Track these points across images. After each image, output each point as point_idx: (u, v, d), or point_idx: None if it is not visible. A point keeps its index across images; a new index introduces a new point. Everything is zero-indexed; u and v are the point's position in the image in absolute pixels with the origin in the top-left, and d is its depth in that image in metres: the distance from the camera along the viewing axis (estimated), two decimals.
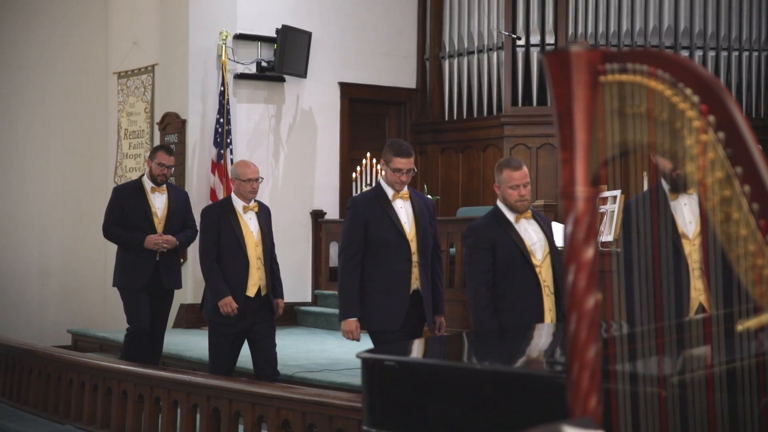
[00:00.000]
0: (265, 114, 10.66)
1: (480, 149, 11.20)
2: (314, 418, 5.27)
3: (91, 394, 6.72)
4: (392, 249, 5.56)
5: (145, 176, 7.36)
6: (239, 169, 6.46)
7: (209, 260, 6.36)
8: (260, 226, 6.45)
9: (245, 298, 6.31)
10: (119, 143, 11.34)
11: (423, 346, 4.47)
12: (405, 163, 5.54)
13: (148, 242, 7.14)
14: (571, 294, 2.32)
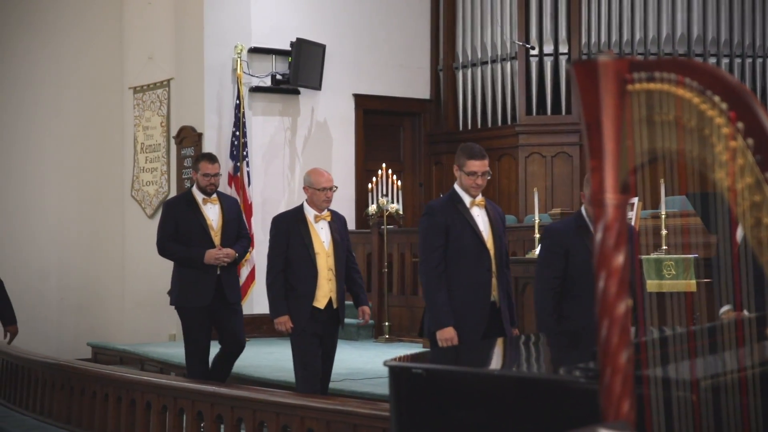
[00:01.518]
0: (281, 126, 10.72)
1: (495, 158, 11.22)
2: (338, 427, 5.30)
3: (114, 405, 6.76)
4: (472, 257, 5.32)
5: (194, 188, 7.01)
6: (313, 178, 6.19)
7: (274, 272, 6.10)
8: (332, 236, 6.17)
9: (312, 309, 6.06)
10: (135, 157, 11.42)
11: (452, 352, 4.50)
12: (479, 166, 5.30)
13: (209, 257, 6.76)
14: (602, 300, 2.35)
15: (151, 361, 8.72)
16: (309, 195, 6.16)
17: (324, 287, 6.08)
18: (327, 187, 6.12)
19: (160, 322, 10.83)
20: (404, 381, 3.68)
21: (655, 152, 2.40)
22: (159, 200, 11.06)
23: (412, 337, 9.44)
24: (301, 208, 6.21)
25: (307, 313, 6.02)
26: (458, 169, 5.36)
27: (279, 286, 6.06)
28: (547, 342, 4.61)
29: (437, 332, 5.25)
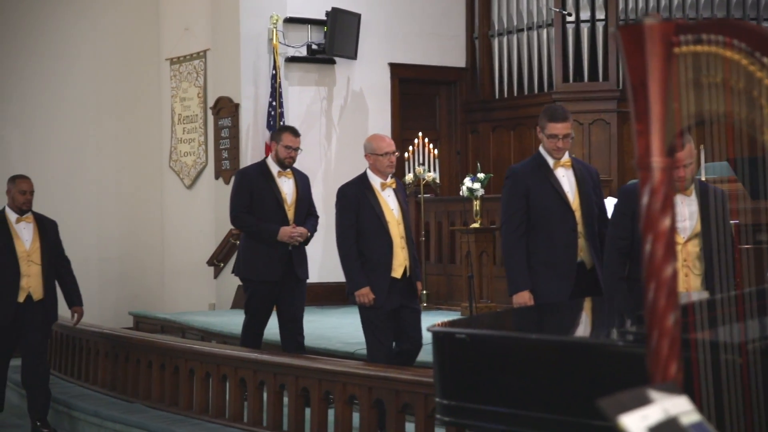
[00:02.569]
0: (317, 96, 10.74)
1: (532, 126, 11.16)
2: (380, 392, 5.36)
3: (158, 373, 6.87)
4: (556, 219, 5.24)
5: (269, 159, 6.84)
6: (374, 143, 5.97)
7: (347, 245, 5.87)
8: (399, 203, 5.98)
9: (391, 280, 5.84)
10: (173, 129, 11.50)
11: (494, 318, 4.54)
12: (561, 128, 5.21)
13: (283, 235, 6.59)
14: (649, 263, 2.36)
15: (191, 329, 8.83)
16: (372, 162, 5.93)
17: (399, 256, 5.89)
18: (389, 152, 5.92)
19: (200, 292, 10.95)
20: (447, 346, 3.72)
21: (701, 115, 2.40)
22: (197, 171, 11.14)
23: (450, 305, 9.48)
24: (365, 176, 5.98)
25: (385, 285, 5.82)
26: (540, 131, 5.33)
27: (355, 258, 5.84)
28: (609, 304, 4.63)
29: (513, 296, 5.25)
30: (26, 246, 6.89)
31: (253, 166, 7.03)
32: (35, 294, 6.85)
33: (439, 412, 3.76)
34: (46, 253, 6.93)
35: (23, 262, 6.83)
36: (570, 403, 3.38)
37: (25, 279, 6.82)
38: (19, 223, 6.93)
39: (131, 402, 7.00)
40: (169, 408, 6.68)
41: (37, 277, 6.87)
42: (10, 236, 6.85)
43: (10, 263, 6.78)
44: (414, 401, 5.17)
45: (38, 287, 6.86)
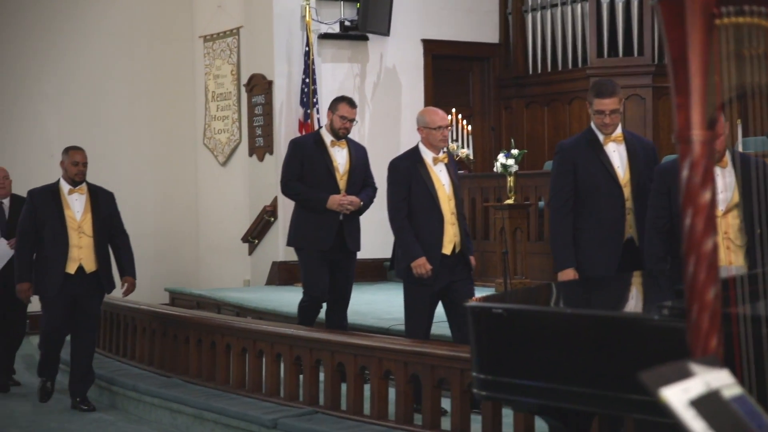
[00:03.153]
0: (350, 73, 10.74)
1: (566, 102, 11.14)
2: (416, 368, 5.38)
3: (195, 348, 6.94)
4: (604, 195, 5.19)
5: (323, 129, 6.81)
6: (427, 117, 5.88)
7: (400, 217, 5.82)
8: (451, 178, 5.89)
9: (441, 256, 5.79)
10: (207, 106, 11.55)
11: (529, 293, 4.54)
12: (607, 104, 5.15)
13: (332, 203, 6.54)
14: (689, 237, 2.35)
15: (227, 305, 8.90)
16: (424, 136, 5.86)
17: (449, 232, 5.82)
18: (443, 126, 5.82)
19: (235, 268, 11.03)
20: (484, 321, 3.73)
21: (743, 87, 2.38)
22: (231, 148, 11.19)
23: (484, 281, 9.48)
24: (417, 150, 5.92)
25: (436, 262, 5.75)
26: (589, 107, 5.30)
27: (409, 230, 5.78)
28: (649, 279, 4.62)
29: (558, 273, 5.22)
30: (77, 217, 6.84)
31: (307, 136, 6.98)
32: (87, 266, 6.80)
33: (476, 386, 3.78)
34: (97, 224, 6.87)
35: (73, 233, 6.78)
36: (606, 377, 3.38)
37: (75, 250, 6.77)
38: (72, 195, 6.89)
39: (169, 377, 7.07)
40: (206, 383, 6.74)
41: (88, 249, 6.81)
42: (62, 207, 6.82)
43: (60, 234, 6.75)
44: (450, 376, 5.19)
45: (90, 259, 6.81)
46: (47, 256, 6.78)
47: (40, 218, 6.82)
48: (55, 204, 6.82)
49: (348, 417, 5.68)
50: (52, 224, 6.78)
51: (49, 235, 6.77)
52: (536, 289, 4.81)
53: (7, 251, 7.55)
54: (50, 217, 6.79)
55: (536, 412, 3.96)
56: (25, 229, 6.87)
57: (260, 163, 10.61)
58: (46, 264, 6.78)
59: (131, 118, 11.47)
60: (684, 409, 1.87)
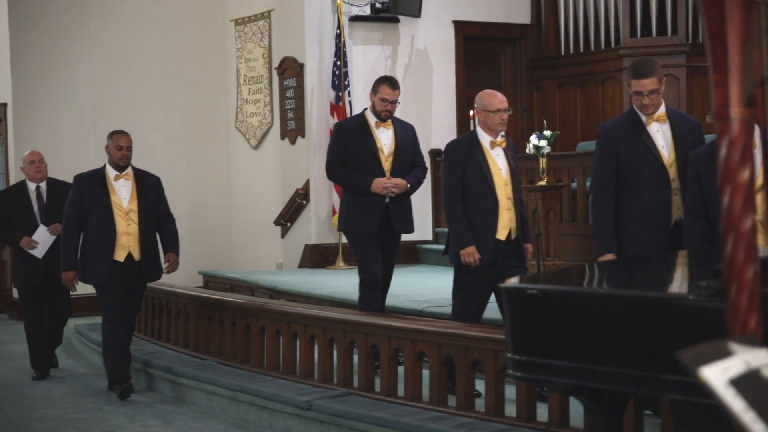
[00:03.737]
0: (381, 55, 10.72)
1: (598, 82, 11.05)
2: (450, 349, 5.39)
3: (230, 330, 6.99)
4: (647, 177, 5.13)
5: (368, 111, 6.64)
6: (486, 100, 5.76)
7: (454, 202, 5.73)
8: (508, 163, 5.78)
9: (495, 242, 5.70)
10: (239, 89, 11.58)
11: (563, 274, 4.53)
12: (646, 84, 5.08)
13: (376, 186, 6.42)
14: (727, 216, 2.33)
15: (260, 288, 8.94)
16: (482, 119, 5.75)
17: (504, 217, 5.72)
18: (501, 109, 5.70)
19: (268, 251, 11.08)
20: (519, 302, 3.72)
21: None
22: (263, 131, 11.22)
23: None
24: (475, 134, 5.83)
25: (489, 247, 5.68)
26: (629, 87, 5.24)
27: (461, 216, 5.70)
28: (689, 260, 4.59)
29: (598, 259, 5.15)
30: (124, 204, 6.77)
31: (352, 118, 6.86)
32: (135, 253, 6.76)
33: (511, 367, 3.77)
34: (143, 210, 6.80)
35: (121, 220, 6.72)
36: (641, 357, 3.37)
37: (124, 237, 6.72)
38: (118, 180, 6.80)
39: (204, 359, 7.13)
40: (241, 365, 6.79)
41: (137, 236, 6.76)
42: (108, 193, 6.74)
43: (107, 221, 6.68)
44: (484, 357, 5.19)
45: (137, 247, 6.76)
46: (95, 244, 6.72)
47: (87, 205, 6.74)
48: (102, 190, 6.75)
49: (382, 398, 5.70)
50: (99, 211, 6.71)
51: (97, 222, 6.71)
52: (570, 269, 4.78)
53: (48, 237, 7.55)
54: (97, 203, 6.72)
55: (571, 392, 3.96)
56: (71, 216, 6.79)
57: (292, 146, 10.63)
58: (95, 251, 6.72)
59: (164, 103, 11.53)
60: (724, 388, 1.86)
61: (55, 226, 7.44)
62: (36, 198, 7.71)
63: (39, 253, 7.54)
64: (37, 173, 7.75)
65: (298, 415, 5.81)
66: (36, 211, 7.66)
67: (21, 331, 9.67)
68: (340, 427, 5.55)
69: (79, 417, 6.41)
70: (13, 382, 7.62)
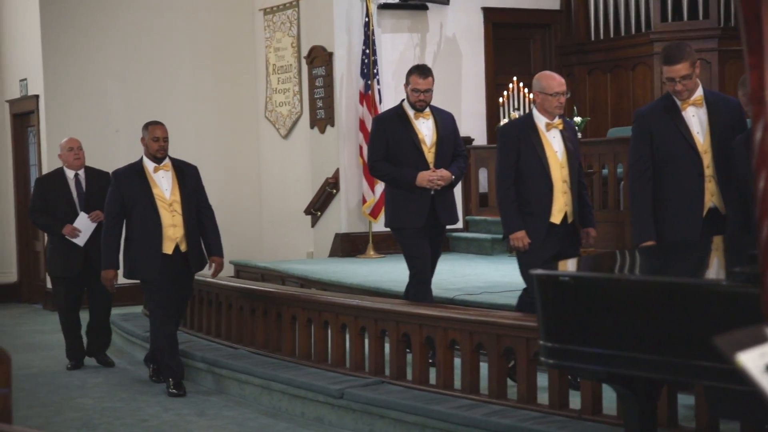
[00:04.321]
0: (410, 43, 10.69)
1: (629, 68, 10.97)
2: (481, 337, 5.38)
3: (261, 320, 7.01)
4: (680, 163, 5.04)
5: (405, 102, 6.42)
6: (544, 82, 5.60)
7: (505, 186, 5.61)
8: (565, 145, 5.63)
9: (549, 225, 5.57)
10: (268, 79, 11.60)
11: (595, 261, 4.50)
12: (677, 71, 4.98)
13: (421, 180, 6.23)
14: (762, 200, 2.31)
15: (291, 277, 8.97)
16: (540, 101, 5.60)
17: (559, 200, 5.58)
18: (559, 92, 5.55)
19: (298, 240, 11.10)
20: (551, 288, 3.71)
21: None
22: (292, 121, 11.23)
23: None
24: (531, 116, 5.69)
25: (543, 230, 5.56)
26: (662, 73, 5.18)
27: (512, 200, 5.60)
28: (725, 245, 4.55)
29: (638, 245, 5.10)
30: (167, 195, 6.67)
31: (390, 111, 6.61)
32: (182, 245, 6.67)
33: (543, 354, 3.77)
34: (186, 201, 6.70)
35: (165, 213, 6.62)
36: (674, 344, 3.35)
37: (170, 229, 6.62)
38: (158, 172, 6.70)
39: (236, 348, 7.16)
40: (273, 354, 6.82)
41: (182, 227, 6.66)
42: (149, 186, 6.65)
43: (152, 215, 6.59)
44: (516, 345, 5.18)
45: (184, 238, 6.67)
46: (141, 239, 6.62)
47: (129, 200, 6.64)
48: (142, 184, 6.65)
49: (414, 387, 5.70)
50: (142, 205, 6.61)
51: (141, 216, 6.61)
52: (602, 256, 4.76)
53: (89, 225, 7.48)
54: (139, 198, 6.61)
55: (604, 379, 3.94)
56: (112, 213, 6.70)
57: (322, 135, 10.64)
58: (141, 247, 6.62)
59: (194, 93, 11.57)
60: (761, 374, 1.84)
61: (96, 213, 7.37)
62: (75, 185, 7.64)
63: (81, 241, 7.46)
64: (76, 160, 7.69)
65: (330, 403, 5.83)
66: (75, 199, 7.59)
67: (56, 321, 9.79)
68: (372, 415, 5.57)
69: (114, 406, 6.47)
70: (48, 371, 7.70)
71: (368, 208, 9.94)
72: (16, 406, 6.32)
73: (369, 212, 9.95)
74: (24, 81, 11.53)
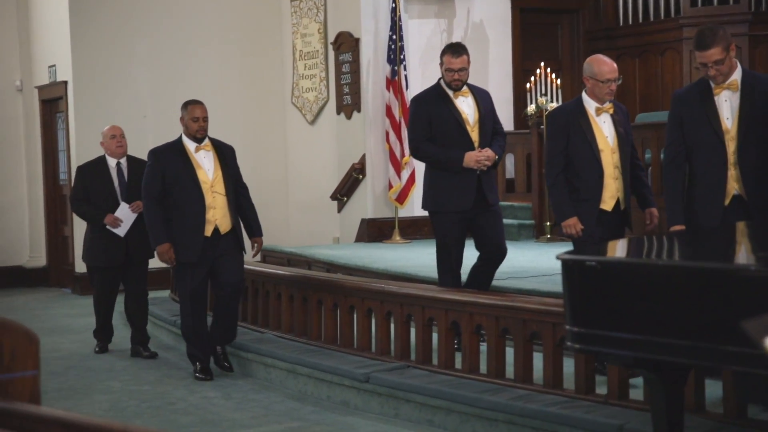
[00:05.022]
0: (437, 29, 10.66)
1: (658, 53, 10.89)
2: (507, 322, 5.37)
3: (288, 304, 7.04)
4: (704, 150, 4.99)
5: (441, 81, 6.27)
6: (595, 67, 5.45)
7: (554, 173, 5.48)
8: (616, 130, 5.48)
9: (599, 212, 5.42)
10: (294, 65, 11.60)
11: (621, 246, 4.48)
12: (708, 56, 4.87)
13: (469, 161, 6.04)
14: None
15: (318, 262, 8.99)
16: (590, 86, 5.46)
17: (611, 187, 5.44)
18: (611, 79, 5.42)
19: (324, 226, 11.12)
20: (577, 273, 3.70)
21: None
22: (318, 106, 11.23)
23: None
24: (581, 100, 5.54)
25: (593, 217, 5.41)
26: None
27: (561, 186, 5.46)
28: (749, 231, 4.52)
29: (670, 229, 5.06)
30: (209, 176, 6.47)
31: (428, 90, 6.35)
32: (222, 227, 6.47)
33: (569, 339, 3.76)
34: (228, 181, 6.53)
35: (208, 194, 6.42)
36: (702, 328, 3.34)
37: (211, 211, 6.43)
38: (199, 152, 6.51)
39: (262, 332, 7.19)
40: (299, 338, 6.84)
41: (223, 209, 6.47)
42: (192, 167, 6.44)
43: (194, 195, 6.39)
44: (541, 330, 5.17)
45: (225, 219, 6.48)
46: (182, 220, 6.40)
47: (169, 180, 6.42)
48: (184, 163, 6.44)
49: (439, 371, 5.71)
50: (183, 185, 6.40)
51: (182, 197, 6.40)
52: (629, 241, 4.73)
53: (130, 215, 7.30)
54: (181, 178, 6.41)
55: (631, 364, 3.93)
56: (151, 192, 6.47)
57: (348, 121, 10.65)
58: (182, 228, 6.40)
59: (221, 79, 11.60)
60: None
61: (137, 204, 7.18)
62: (117, 174, 7.46)
63: (121, 232, 7.31)
64: (118, 148, 7.49)
65: (356, 387, 5.84)
66: (117, 188, 7.42)
67: (85, 305, 9.88)
68: (398, 399, 5.58)
69: (141, 389, 6.52)
70: (77, 354, 7.77)
71: (394, 194, 9.94)
72: (45, 388, 6.39)
73: (395, 197, 9.96)
74: (53, 67, 11.60)
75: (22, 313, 9.95)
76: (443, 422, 5.32)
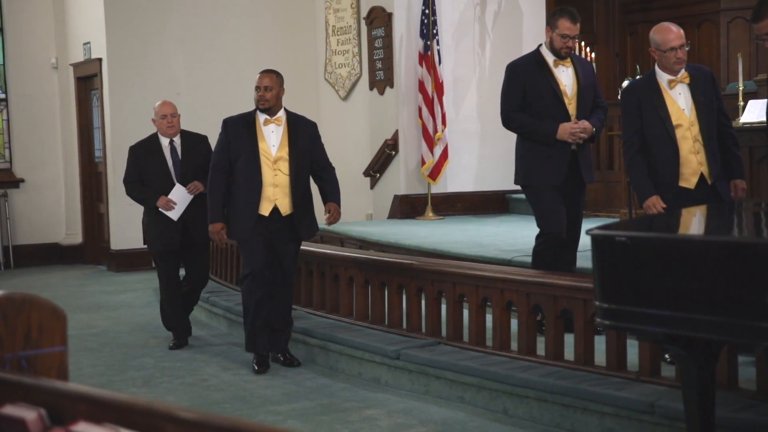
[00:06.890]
0: (470, 3, 10.56)
1: (694, 25, 10.72)
2: (538, 299, 5.34)
3: (319, 280, 7.04)
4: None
5: (543, 47, 5.97)
6: (658, 36, 5.17)
7: (631, 152, 5.21)
8: (693, 100, 5.17)
9: (679, 190, 5.13)
10: (327, 40, 11.57)
11: (653, 221, 4.43)
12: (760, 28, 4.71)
13: (563, 133, 5.77)
14: None
15: (350, 239, 8.98)
16: (658, 58, 5.17)
17: (691, 162, 5.13)
18: (676, 46, 5.09)
19: (357, 202, 11.10)
20: (607, 249, 3.66)
21: None
22: (351, 82, 11.20)
23: (609, 211, 9.31)
24: (653, 74, 5.23)
25: (672, 195, 5.13)
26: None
27: (639, 166, 5.19)
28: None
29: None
30: (272, 151, 6.08)
31: (526, 57, 6.09)
32: (283, 208, 6.08)
33: (600, 315, 3.72)
34: (294, 160, 6.10)
35: (268, 169, 6.04)
36: (735, 304, 3.29)
37: (270, 189, 6.05)
38: (268, 126, 6.14)
39: (294, 309, 7.19)
40: (330, 314, 6.84)
41: (284, 188, 6.07)
42: (256, 139, 6.08)
43: (253, 170, 6.03)
44: (573, 306, 5.13)
45: (286, 200, 6.08)
46: (240, 195, 6.06)
47: (234, 151, 6.08)
48: (249, 135, 6.08)
49: (470, 348, 5.68)
50: (245, 158, 6.04)
51: (242, 170, 6.04)
52: (659, 216, 4.67)
53: (186, 197, 6.90)
54: (244, 150, 6.05)
55: (662, 341, 3.88)
56: (216, 164, 6.14)
57: (381, 97, 10.60)
58: (239, 204, 6.06)
59: (254, 56, 11.58)
60: None
61: (194, 185, 6.85)
62: (170, 154, 7.00)
63: (174, 215, 6.88)
64: (170, 128, 7.03)
65: (387, 364, 5.84)
66: (171, 168, 6.96)
67: (120, 282, 9.96)
68: (428, 376, 5.57)
69: (174, 366, 6.56)
70: (112, 331, 7.84)
71: (427, 170, 9.90)
72: (79, 365, 6.47)
73: (428, 174, 9.91)
74: (87, 44, 11.66)
75: (58, 290, 10.06)
76: (474, 399, 5.30)
